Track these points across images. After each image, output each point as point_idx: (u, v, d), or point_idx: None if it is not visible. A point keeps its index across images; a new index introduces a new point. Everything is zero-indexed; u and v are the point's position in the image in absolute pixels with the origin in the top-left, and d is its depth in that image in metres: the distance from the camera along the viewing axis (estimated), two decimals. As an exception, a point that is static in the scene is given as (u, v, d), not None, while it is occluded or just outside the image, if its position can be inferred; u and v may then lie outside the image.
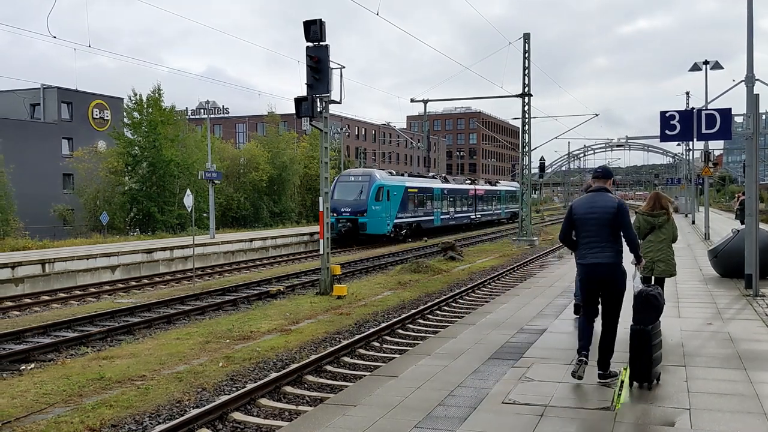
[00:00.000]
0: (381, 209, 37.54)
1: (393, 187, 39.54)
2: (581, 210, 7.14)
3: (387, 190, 38.43)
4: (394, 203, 39.35)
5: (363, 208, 36.99)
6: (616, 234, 7.00)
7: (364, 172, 40.34)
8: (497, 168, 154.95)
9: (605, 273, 7.01)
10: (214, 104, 39.27)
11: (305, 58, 17.60)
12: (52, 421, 8.00)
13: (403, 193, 40.82)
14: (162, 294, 19.64)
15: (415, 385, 7.33)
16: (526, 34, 36.52)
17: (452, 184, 51.72)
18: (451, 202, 49.93)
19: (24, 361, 11.74)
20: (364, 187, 38.01)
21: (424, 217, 44.60)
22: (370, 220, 36.87)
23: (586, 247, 7.08)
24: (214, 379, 10.06)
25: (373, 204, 37.06)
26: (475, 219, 54.99)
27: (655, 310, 7.05)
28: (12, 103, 52.82)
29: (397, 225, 39.95)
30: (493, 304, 13.37)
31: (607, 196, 7.14)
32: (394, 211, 39.30)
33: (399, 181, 41.55)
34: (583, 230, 7.10)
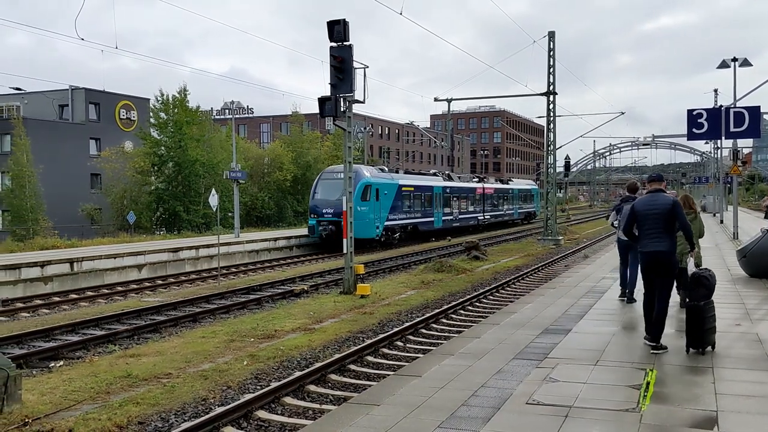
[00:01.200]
0: (368, 210, 33.85)
1: (383, 186, 35.70)
2: (642, 208, 8.53)
3: (376, 189, 34.72)
4: (385, 203, 35.62)
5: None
6: (671, 227, 8.36)
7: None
8: (522, 167, 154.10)
9: (663, 258, 8.36)
10: (239, 104, 39.75)
11: (329, 58, 17.65)
12: (81, 417, 8.12)
13: (396, 192, 36.96)
14: (188, 293, 19.82)
15: (438, 385, 7.32)
16: (551, 32, 36.23)
17: (456, 182, 47.33)
18: (455, 202, 45.79)
19: (53, 359, 11.93)
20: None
21: (422, 218, 40.69)
22: (354, 222, 33.91)
23: (647, 237, 8.45)
24: (238, 377, 10.13)
25: (359, 204, 32.61)
26: (483, 220, 50.81)
27: (706, 289, 8.35)
28: (41, 104, 53.67)
29: (389, 228, 36.21)
30: (517, 304, 13.30)
31: (663, 195, 8.54)
32: (384, 212, 35.49)
33: (391, 178, 37.71)
34: (645, 224, 8.47)
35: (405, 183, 38.64)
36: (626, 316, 11.37)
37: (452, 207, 44.94)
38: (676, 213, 8.33)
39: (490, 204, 52.89)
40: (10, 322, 15.82)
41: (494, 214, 53.77)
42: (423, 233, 40.75)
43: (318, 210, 33.91)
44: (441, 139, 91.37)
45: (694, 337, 8.37)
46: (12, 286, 20.05)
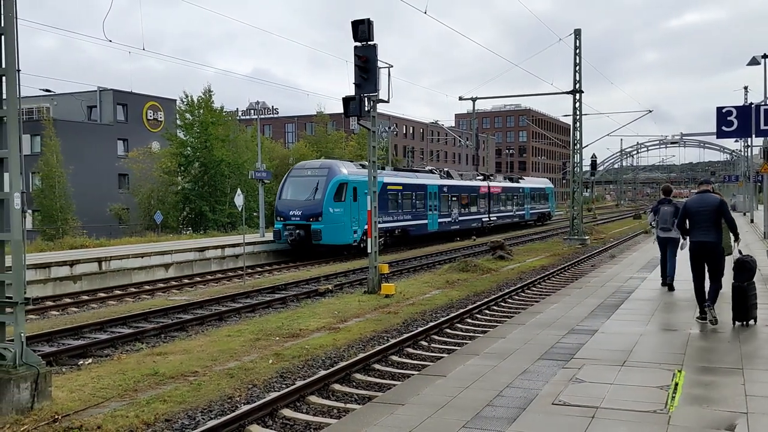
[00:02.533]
0: (343, 212, 29.51)
1: (363, 184, 29.60)
2: (694, 206, 10.32)
3: (353, 188, 30.17)
4: (365, 204, 31.93)
5: (317, 211, 28.95)
6: (718, 222, 10.07)
7: (322, 164, 31.75)
8: (548, 166, 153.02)
9: (711, 247, 10.10)
10: (264, 105, 39.76)
11: (353, 57, 17.67)
12: (109, 415, 8.22)
13: (379, 191, 33.23)
14: (213, 292, 19.98)
15: (463, 385, 7.29)
16: (577, 29, 35.88)
17: (455, 180, 42.85)
18: (454, 203, 41.44)
19: (82, 356, 12.09)
20: (319, 183, 29.84)
21: (414, 220, 36.30)
22: (326, 226, 28.79)
23: (697, 230, 10.17)
24: (264, 375, 10.18)
25: (332, 205, 29.13)
26: (488, 222, 46.47)
27: (748, 272, 9.93)
28: (70, 105, 54.48)
29: None
30: (543, 304, 13.21)
31: (711, 195, 10.31)
32: (364, 214, 28.92)
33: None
34: (695, 219, 10.21)
35: (391, 181, 34.39)
36: (657, 315, 11.23)
37: (451, 208, 40.84)
38: (722, 210, 10.08)
39: (497, 204, 48.68)
40: (40, 320, 16.07)
41: (501, 215, 49.35)
42: (414, 238, 36.69)
43: (284, 212, 29.79)
44: (466, 138, 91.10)
45: (740, 312, 9.95)
46: (42, 284, 20.37)
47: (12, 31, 8.36)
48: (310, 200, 29.53)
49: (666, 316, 11.30)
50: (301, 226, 28.88)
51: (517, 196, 53.11)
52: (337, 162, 32.28)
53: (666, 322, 10.69)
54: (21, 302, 8.41)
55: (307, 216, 28.43)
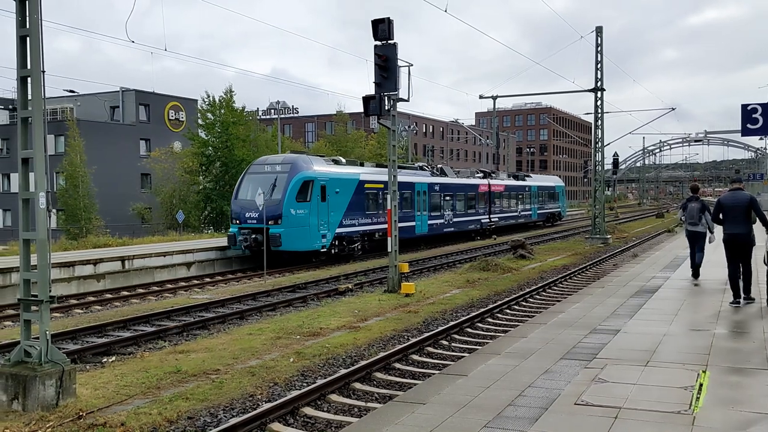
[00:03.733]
0: (307, 214, 25.89)
1: (334, 181, 27.54)
2: (727, 202, 11.75)
3: (321, 186, 26.67)
4: (337, 204, 27.53)
5: (276, 213, 25.23)
6: (748, 216, 11.43)
7: (284, 159, 27.74)
8: (569, 164, 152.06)
9: (742, 239, 11.54)
10: (284, 104, 39.66)
11: (373, 56, 17.67)
12: (132, 412, 8.30)
13: (355, 189, 28.97)
14: (235, 290, 20.10)
15: (484, 385, 7.26)
16: (599, 27, 35.61)
17: (450, 178, 38.84)
18: (448, 202, 37.44)
19: (106, 354, 12.22)
20: (280, 180, 26.16)
21: (399, 223, 32.82)
22: (286, 230, 25.12)
23: (730, 224, 11.63)
24: (285, 374, 10.22)
25: (294, 206, 25.52)
26: (488, 224, 42.40)
27: None
28: (93, 106, 55.12)
29: (343, 236, 28.03)
30: (564, 304, 13.13)
31: (743, 192, 11.70)
32: (336, 215, 27.46)
33: (347, 172, 29.25)
34: (729, 214, 11.66)
35: (370, 178, 30.26)
36: (681, 315, 11.12)
37: (443, 208, 36.87)
38: (753, 206, 11.42)
39: (499, 204, 44.69)
40: (64, 318, 16.27)
41: (504, 215, 45.33)
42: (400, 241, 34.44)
43: (239, 214, 26.28)
44: (486, 137, 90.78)
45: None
46: (66, 283, 20.62)
47: (37, 33, 8.46)
48: (268, 200, 24.84)
49: (690, 315, 11.17)
50: (257, 230, 24.95)
51: (522, 195, 48.93)
52: (303, 157, 28.22)
53: (690, 322, 10.58)
54: (46, 300, 8.52)
55: (264, 219, 24.18)
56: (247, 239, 25.29)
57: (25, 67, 8.63)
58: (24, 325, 8.79)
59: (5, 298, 18.83)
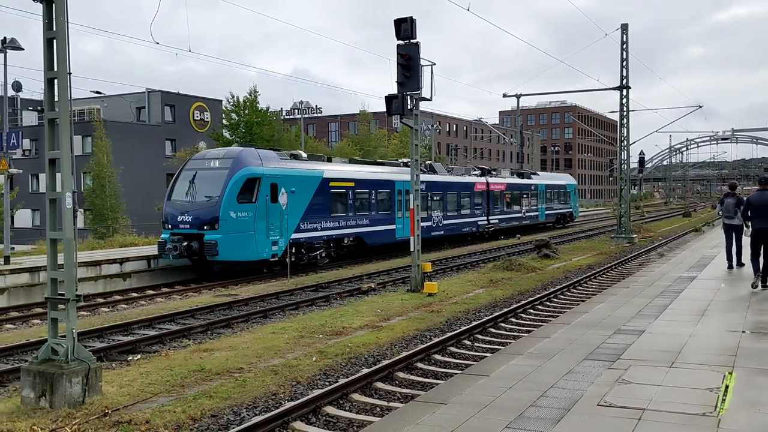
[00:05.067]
0: (252, 217, 22.02)
1: (289, 179, 23.63)
2: (756, 201, 13.83)
3: (271, 184, 22.79)
4: (293, 206, 23.67)
5: (211, 216, 21.54)
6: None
7: (227, 153, 23.65)
8: (594, 163, 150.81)
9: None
10: (308, 104, 39.48)
11: (396, 56, 17.67)
12: (157, 409, 8.39)
13: (316, 188, 25.05)
14: (258, 289, 20.21)
15: (506, 385, 7.23)
16: (624, 24, 35.28)
17: (440, 176, 34.76)
18: (437, 203, 33.62)
19: (131, 352, 12.36)
20: (219, 177, 22.31)
21: (373, 227, 28.29)
22: (224, 236, 21.33)
23: (759, 219, 13.69)
24: (307, 373, 10.26)
25: (234, 208, 21.70)
26: (487, 226, 38.83)
27: None
28: (119, 106, 55.79)
29: (301, 243, 24.23)
30: (588, 304, 13.03)
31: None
32: (292, 219, 23.61)
33: (307, 168, 25.25)
34: (758, 211, 13.74)
35: (336, 176, 26.48)
36: (707, 316, 10.97)
37: (431, 209, 32.87)
38: None
39: (500, 204, 40.84)
40: (91, 316, 16.49)
41: (505, 217, 41.37)
42: (375, 248, 28.89)
43: (172, 217, 22.36)
44: (510, 136, 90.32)
45: None
46: (93, 282, 20.89)
47: (63, 36, 8.59)
48: (203, 202, 22.02)
49: (717, 316, 11.02)
50: (190, 237, 21.57)
51: (527, 195, 44.93)
52: (250, 150, 23.81)
53: (717, 323, 10.43)
54: (72, 299, 8.64)
55: (198, 223, 21.33)
56: (177, 247, 21.39)
57: (52, 69, 8.77)
58: (51, 323, 8.93)
59: (34, 296, 19.15)
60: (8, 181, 23.85)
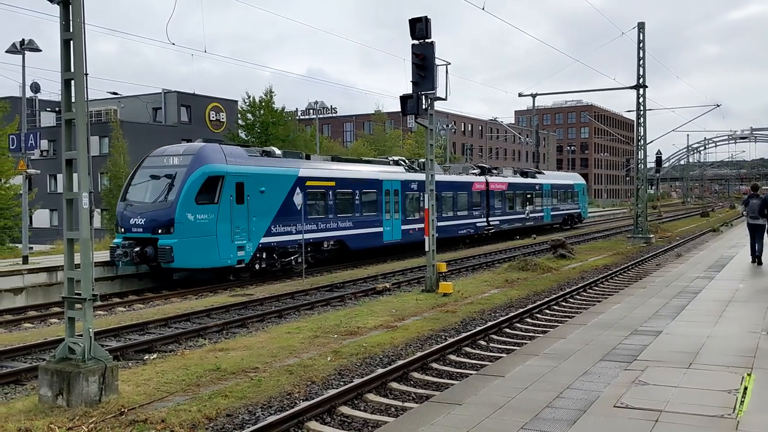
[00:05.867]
0: (213, 220, 20.23)
1: (258, 178, 21.81)
2: None
3: (237, 183, 20.98)
4: (263, 207, 21.94)
5: (166, 219, 19.75)
6: None
7: (187, 149, 21.71)
8: (611, 162, 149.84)
9: None
10: (323, 104, 39.49)
11: (410, 55, 17.66)
12: (173, 409, 8.42)
13: (291, 188, 22.99)
14: (273, 289, 20.26)
15: (522, 386, 7.19)
16: (641, 23, 35.04)
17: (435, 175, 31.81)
18: None
19: (147, 352, 12.43)
20: (177, 176, 20.38)
21: (357, 229, 26.46)
22: (181, 241, 19.59)
23: None
24: (322, 373, 10.27)
25: (192, 210, 19.84)
26: (486, 227, 36.87)
27: None
28: (136, 107, 56.18)
29: (273, 247, 22.55)
30: (605, 304, 12.94)
31: None
32: (261, 221, 21.86)
33: (281, 166, 23.27)
34: None
35: (314, 175, 24.52)
36: (725, 316, 10.86)
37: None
38: None
39: (501, 204, 38.82)
40: (107, 316, 16.60)
41: (507, 218, 39.34)
42: (358, 252, 27.11)
43: (125, 219, 20.65)
44: (526, 135, 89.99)
45: None
46: (110, 282, 21.03)
47: (80, 37, 8.65)
48: (158, 202, 20.19)
49: (735, 316, 10.90)
50: (144, 242, 19.76)
51: (531, 195, 42.91)
52: (213, 146, 21.72)
53: (735, 323, 10.32)
54: (89, 299, 8.70)
55: (151, 226, 19.63)
56: (128, 253, 19.62)
57: (69, 70, 8.83)
58: (68, 322, 8.99)
59: (51, 296, 19.32)
60: (26, 182, 24.07)
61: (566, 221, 48.57)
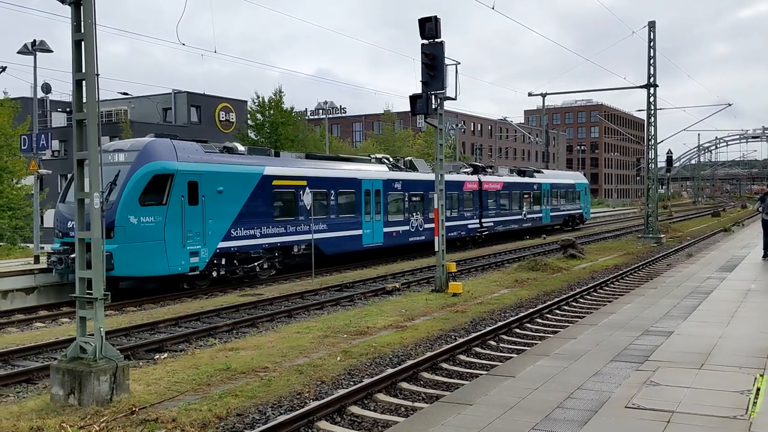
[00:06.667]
0: (160, 223, 18.33)
1: (214, 176, 19.85)
2: None
3: (189, 182, 19.01)
4: (222, 209, 20.07)
5: (108, 221, 16.60)
6: None
7: (133, 145, 19.51)
8: (621, 162, 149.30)
9: None
10: (332, 104, 39.45)
11: (420, 55, 17.65)
12: (183, 408, 8.45)
13: (254, 188, 21.34)
14: (283, 289, 20.29)
15: (532, 386, 7.17)
16: (652, 21, 34.93)
17: (420, 173, 30.55)
18: (417, 204, 29.64)
19: (158, 351, 12.48)
20: (120, 174, 18.32)
21: (333, 232, 24.64)
22: (123, 246, 17.64)
23: None
24: (332, 372, 10.27)
25: (135, 212, 17.94)
26: (479, 230, 35.05)
27: None
28: (146, 107, 56.42)
29: (233, 253, 20.70)
30: (615, 305, 12.89)
31: None
32: (219, 224, 20.00)
33: (242, 163, 21.35)
34: None
35: (282, 173, 22.56)
36: (737, 317, 10.79)
37: (409, 212, 29.17)
38: None
39: (495, 205, 36.96)
40: (118, 315, 16.67)
41: (502, 219, 37.48)
42: (335, 256, 25.27)
43: (61, 223, 19.01)
44: (536, 135, 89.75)
45: None
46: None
47: (91, 37, 8.68)
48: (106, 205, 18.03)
49: (748, 317, 10.83)
50: None
51: (529, 195, 40.91)
52: (163, 141, 19.42)
53: (747, 324, 10.26)
54: (100, 298, 8.74)
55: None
56: (63, 260, 17.81)
57: (80, 71, 8.87)
58: (79, 321, 9.03)
59: (63, 295, 19.41)
60: (38, 182, 24.22)
61: (567, 222, 46.98)
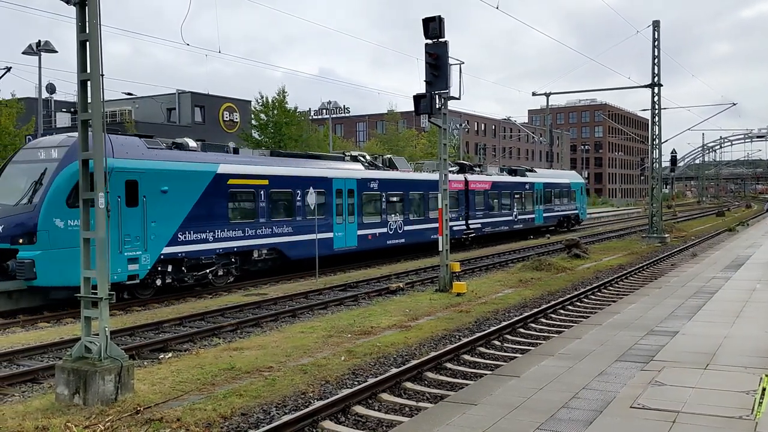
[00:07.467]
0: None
1: (157, 174, 18.00)
2: None
3: (129, 182, 17.20)
4: (167, 210, 18.29)
5: (28, 226, 15.96)
6: None
7: (63, 141, 17.40)
8: (625, 162, 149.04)
9: None
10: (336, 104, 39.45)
11: (424, 55, 17.64)
12: (188, 407, 8.46)
13: (206, 187, 19.47)
14: (287, 289, 20.31)
15: (537, 386, 7.17)
16: (656, 21, 34.82)
17: (399, 173, 29.10)
18: (395, 205, 27.84)
19: (162, 351, 12.49)
20: (46, 173, 16.61)
21: (298, 236, 22.68)
22: (47, 253, 15.93)
23: None
24: (336, 372, 10.28)
25: (63, 214, 16.19)
26: (466, 231, 33.35)
27: None
28: (150, 107, 56.48)
29: (180, 259, 18.91)
30: (620, 304, 12.87)
31: None
32: (164, 227, 18.20)
33: (192, 160, 19.43)
34: None
35: (238, 171, 20.75)
36: (742, 317, 10.76)
37: (387, 213, 27.30)
38: None
39: (483, 206, 34.94)
40: (123, 315, 16.69)
41: (490, 221, 35.62)
42: (301, 261, 23.10)
43: None
44: (540, 135, 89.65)
45: None
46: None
47: (96, 38, 8.70)
48: (20, 206, 16.37)
49: (753, 317, 10.81)
50: (4, 253, 16.17)
51: (521, 195, 39.08)
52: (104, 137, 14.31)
53: (753, 324, 10.23)
54: (105, 298, 8.76)
55: (9, 235, 15.87)
56: None
57: (85, 71, 8.89)
58: (84, 321, 9.05)
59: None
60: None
61: (561, 223, 45.05)
